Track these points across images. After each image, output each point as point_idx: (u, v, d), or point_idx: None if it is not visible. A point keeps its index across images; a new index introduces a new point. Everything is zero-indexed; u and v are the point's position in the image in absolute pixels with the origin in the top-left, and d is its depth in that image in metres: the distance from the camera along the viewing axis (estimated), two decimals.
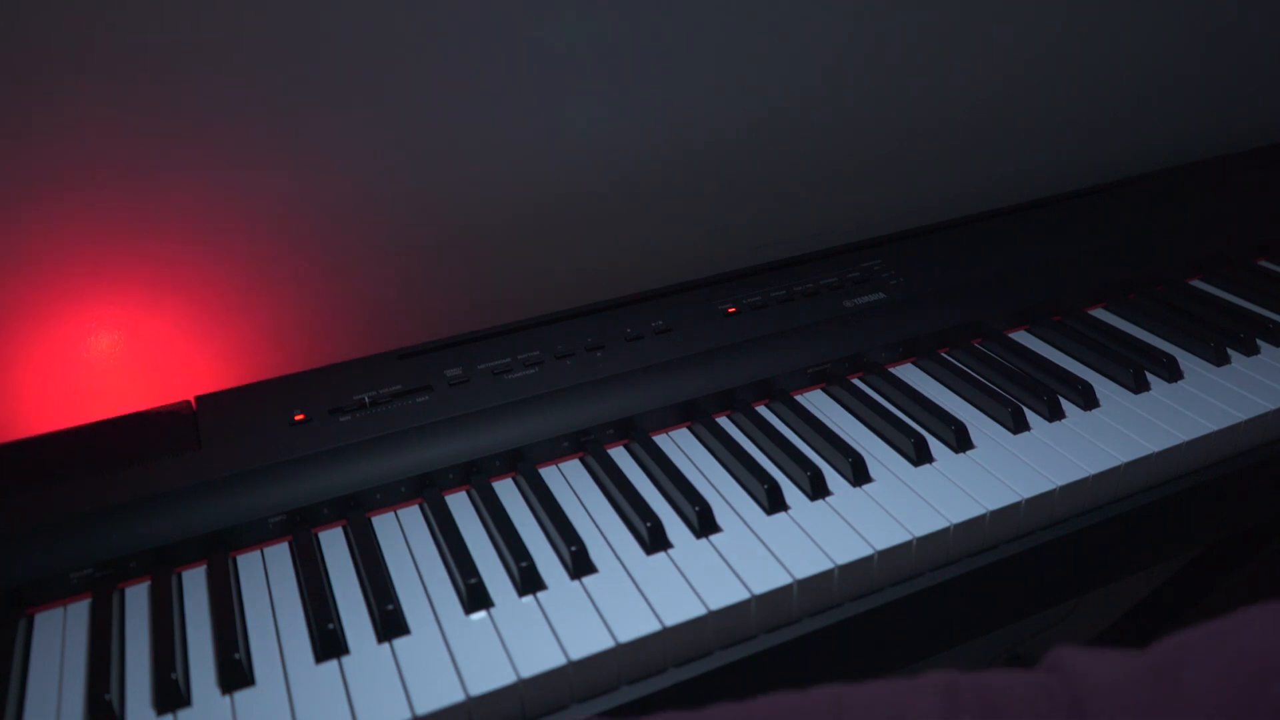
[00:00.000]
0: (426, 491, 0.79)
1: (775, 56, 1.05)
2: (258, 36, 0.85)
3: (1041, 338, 0.98)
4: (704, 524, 0.74)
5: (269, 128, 0.89)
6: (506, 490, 0.80)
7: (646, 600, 0.68)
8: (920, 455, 0.81)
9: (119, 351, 0.91)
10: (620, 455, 0.84)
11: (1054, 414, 0.85)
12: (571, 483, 0.81)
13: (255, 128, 0.89)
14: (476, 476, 0.80)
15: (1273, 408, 0.85)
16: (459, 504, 0.79)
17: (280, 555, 0.75)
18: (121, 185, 0.86)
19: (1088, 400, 0.86)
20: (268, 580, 0.73)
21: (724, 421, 0.87)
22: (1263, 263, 1.09)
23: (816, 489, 0.77)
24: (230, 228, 0.91)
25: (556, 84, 0.97)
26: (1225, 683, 0.39)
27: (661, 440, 0.85)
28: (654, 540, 0.73)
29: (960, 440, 0.82)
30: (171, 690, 0.63)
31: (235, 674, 0.64)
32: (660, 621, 0.66)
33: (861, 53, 1.08)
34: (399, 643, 0.66)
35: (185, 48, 0.83)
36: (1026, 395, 0.87)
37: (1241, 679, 0.39)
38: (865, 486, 0.78)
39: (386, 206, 0.97)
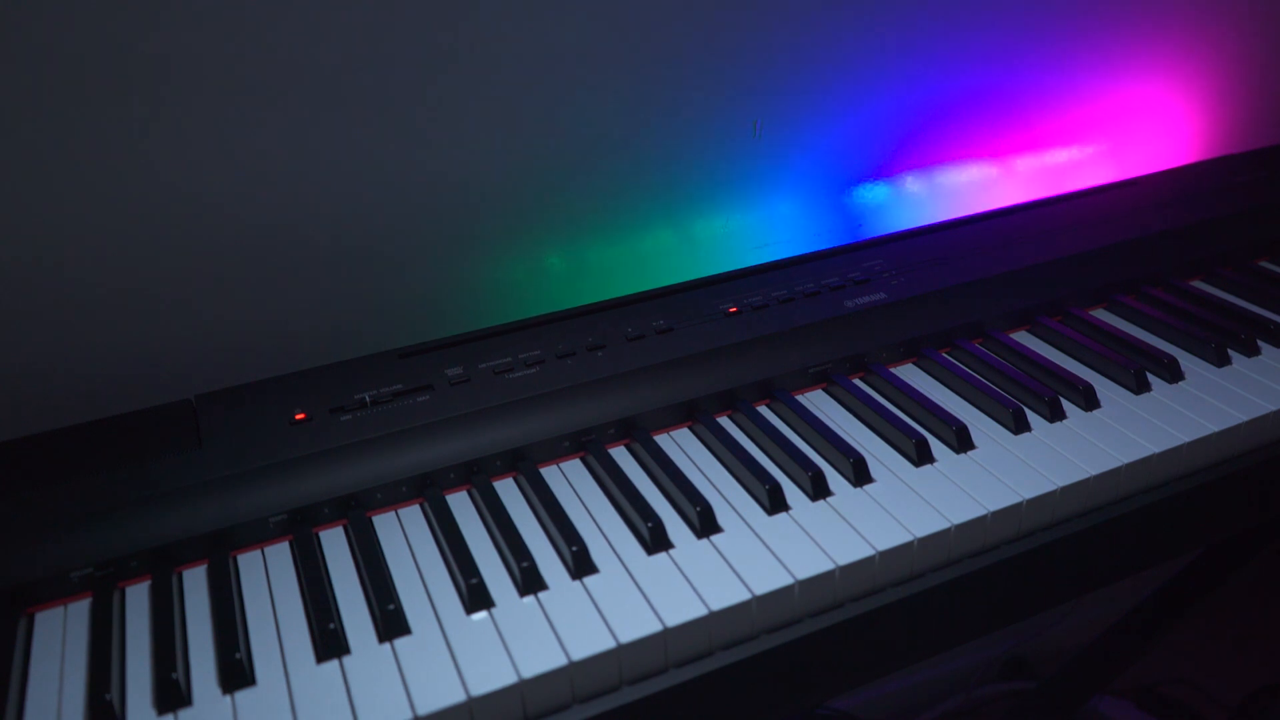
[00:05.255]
0: (427, 491, 0.79)
1: None
2: (255, 40, 0.85)
3: (1042, 338, 0.98)
4: (705, 524, 0.74)
5: (268, 129, 0.89)
6: (507, 490, 0.80)
7: (648, 601, 0.68)
8: (921, 456, 0.81)
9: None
10: (621, 455, 0.84)
11: (1055, 415, 0.85)
12: (573, 482, 0.81)
13: (254, 128, 0.89)
14: (477, 476, 0.80)
15: (1273, 409, 0.85)
16: (460, 504, 0.79)
17: (281, 554, 0.75)
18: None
19: (1089, 401, 0.86)
20: (268, 580, 0.73)
21: (725, 421, 0.87)
22: (1263, 263, 1.09)
23: (818, 489, 0.77)
24: (230, 226, 0.92)
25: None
26: None
27: (663, 440, 0.85)
28: (655, 540, 0.73)
29: (961, 441, 0.82)
30: (172, 690, 0.62)
31: (236, 674, 0.64)
32: (661, 622, 0.66)
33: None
34: (400, 643, 0.66)
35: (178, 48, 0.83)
36: (1027, 396, 0.87)
37: None
38: (866, 487, 0.78)
39: (389, 206, 0.96)
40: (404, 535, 0.76)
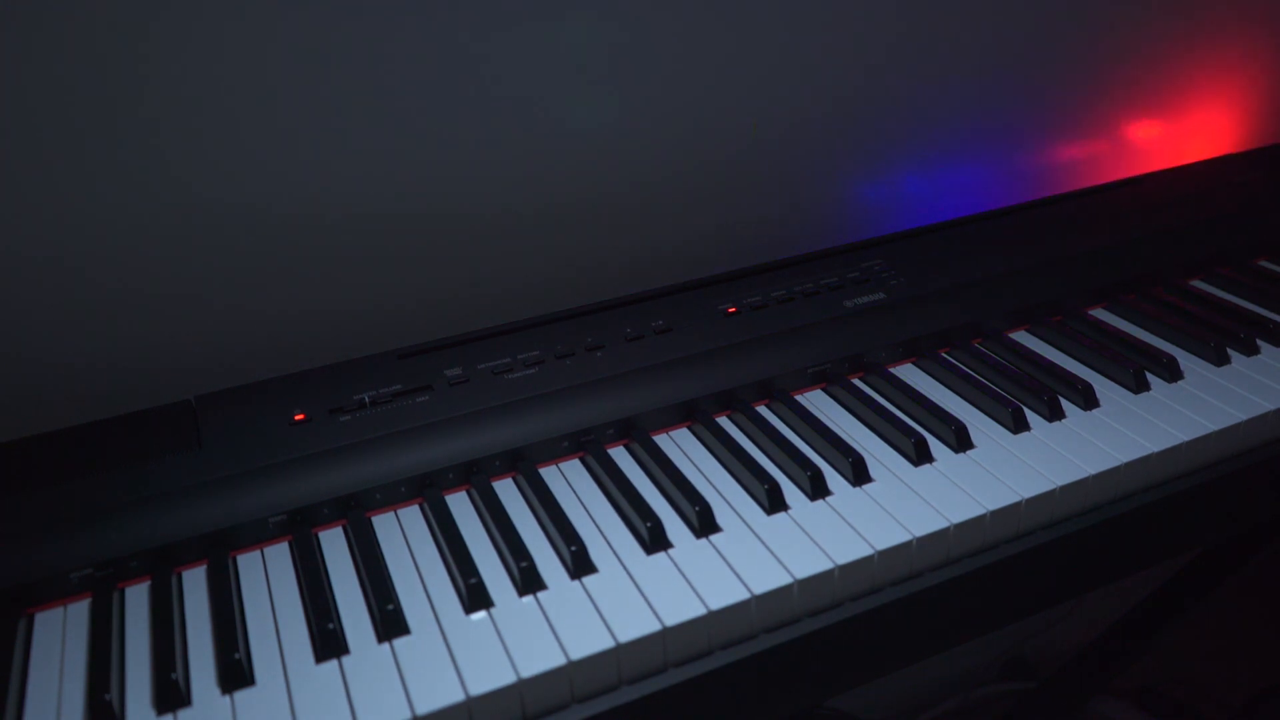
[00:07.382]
0: (427, 491, 0.79)
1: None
2: (268, 44, 0.85)
3: (1041, 338, 0.98)
4: (704, 524, 0.74)
5: (270, 130, 0.89)
6: (506, 490, 0.80)
7: (646, 600, 0.68)
8: (920, 455, 0.81)
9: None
10: (620, 455, 0.84)
11: (1054, 414, 0.85)
12: (572, 482, 0.81)
13: (257, 130, 0.89)
14: (476, 476, 0.80)
15: (1273, 408, 0.85)
16: (459, 504, 0.79)
17: (280, 555, 0.75)
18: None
19: (1088, 400, 0.86)
20: (268, 580, 0.73)
21: (724, 421, 0.87)
22: (1263, 263, 1.09)
23: (817, 489, 0.77)
24: (230, 227, 0.92)
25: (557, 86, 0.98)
26: None
27: (662, 440, 0.85)
28: (654, 540, 0.73)
29: (960, 440, 0.82)
30: (171, 690, 0.63)
31: (235, 674, 0.64)
32: (660, 621, 0.66)
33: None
34: (399, 642, 0.66)
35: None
36: (1027, 395, 0.87)
37: None
38: (865, 486, 0.78)
39: (389, 206, 0.97)
40: (403, 535, 0.76)
